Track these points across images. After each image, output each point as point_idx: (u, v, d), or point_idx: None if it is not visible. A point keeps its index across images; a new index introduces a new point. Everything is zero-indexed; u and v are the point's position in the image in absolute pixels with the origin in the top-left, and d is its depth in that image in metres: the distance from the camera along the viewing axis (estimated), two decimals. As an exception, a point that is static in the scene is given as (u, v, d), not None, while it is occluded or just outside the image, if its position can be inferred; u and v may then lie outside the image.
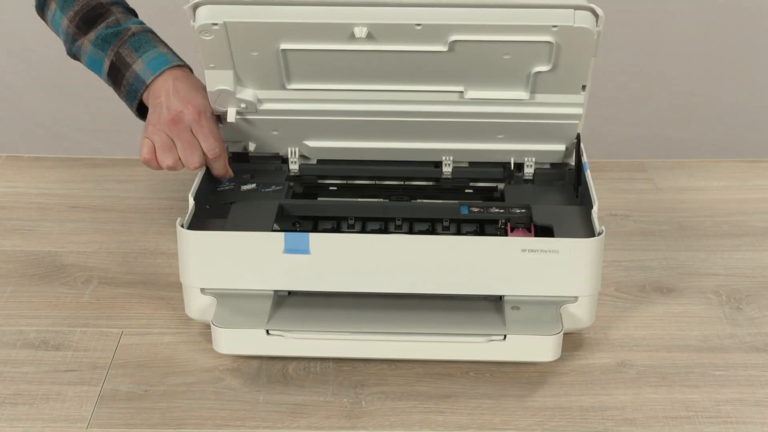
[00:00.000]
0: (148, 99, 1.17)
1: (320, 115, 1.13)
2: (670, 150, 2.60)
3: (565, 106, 1.12)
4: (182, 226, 1.04)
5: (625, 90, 2.57)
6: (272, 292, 1.05)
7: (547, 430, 0.97)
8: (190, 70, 1.20)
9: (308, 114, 1.13)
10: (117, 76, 1.20)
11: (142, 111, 1.20)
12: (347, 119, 1.13)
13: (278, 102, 1.13)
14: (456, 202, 1.14)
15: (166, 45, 1.21)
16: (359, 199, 1.18)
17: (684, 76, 2.59)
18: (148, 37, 1.20)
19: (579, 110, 1.12)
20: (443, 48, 1.03)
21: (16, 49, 2.50)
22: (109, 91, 1.24)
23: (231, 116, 1.13)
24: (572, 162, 1.18)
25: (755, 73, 2.60)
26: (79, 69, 1.25)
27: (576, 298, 1.04)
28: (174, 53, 1.20)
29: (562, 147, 1.17)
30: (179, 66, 1.18)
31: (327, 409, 1.00)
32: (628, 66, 2.56)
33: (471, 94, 1.10)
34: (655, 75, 2.58)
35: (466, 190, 1.20)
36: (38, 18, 1.29)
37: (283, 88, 1.10)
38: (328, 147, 1.19)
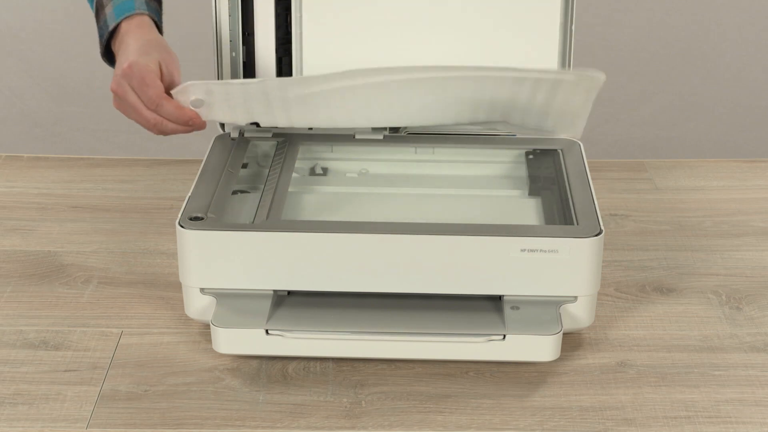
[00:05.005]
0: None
1: None
2: (670, 150, 2.60)
3: None
4: (181, 225, 1.04)
5: (625, 90, 2.57)
6: (272, 292, 1.05)
7: (547, 430, 0.97)
8: (155, 19, 1.17)
9: None
10: (98, 17, 1.17)
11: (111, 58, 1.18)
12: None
13: None
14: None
15: None
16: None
17: (684, 76, 2.59)
18: None
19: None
20: None
21: (16, 49, 2.51)
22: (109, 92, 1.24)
23: None
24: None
25: (755, 73, 2.60)
26: (79, 69, 1.25)
27: (575, 298, 1.04)
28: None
29: None
30: (142, 14, 1.15)
31: (327, 409, 1.00)
32: (628, 66, 2.57)
33: None
34: (655, 75, 2.58)
35: None
36: (38, 18, 1.28)
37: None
38: None
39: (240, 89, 1.13)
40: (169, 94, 1.11)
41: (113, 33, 1.16)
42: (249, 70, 1.25)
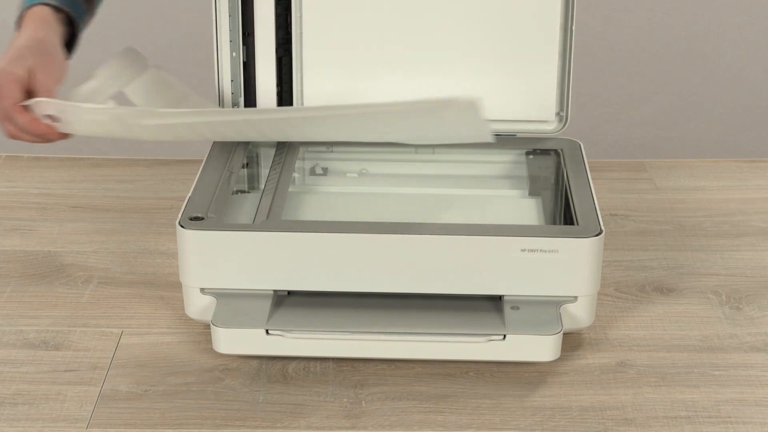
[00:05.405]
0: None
1: None
2: (670, 150, 2.60)
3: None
4: (182, 225, 1.04)
5: (625, 90, 2.57)
6: (272, 292, 1.05)
7: (547, 430, 0.97)
8: (68, 12, 1.11)
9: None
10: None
11: None
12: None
13: None
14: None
15: None
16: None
17: (684, 76, 2.59)
18: None
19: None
20: None
21: (16, 49, 2.51)
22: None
23: None
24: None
25: (755, 73, 2.60)
26: (78, 69, 1.25)
27: (576, 297, 1.04)
28: None
29: None
30: (46, 5, 1.10)
31: (327, 409, 1.00)
32: (628, 66, 2.57)
33: None
34: (655, 75, 2.58)
35: None
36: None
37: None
38: None
39: (90, 113, 1.10)
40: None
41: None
42: (249, 70, 1.25)
